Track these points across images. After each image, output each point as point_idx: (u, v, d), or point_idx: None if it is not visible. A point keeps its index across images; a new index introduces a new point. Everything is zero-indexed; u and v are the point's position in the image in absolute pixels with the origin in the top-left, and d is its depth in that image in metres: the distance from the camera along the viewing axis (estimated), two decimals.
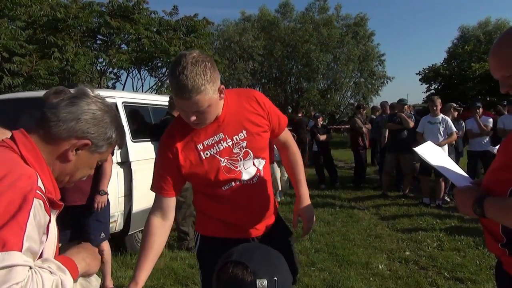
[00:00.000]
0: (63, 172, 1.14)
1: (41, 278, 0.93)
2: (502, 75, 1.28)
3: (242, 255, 1.00)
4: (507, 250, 1.30)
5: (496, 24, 24.63)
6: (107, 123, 1.15)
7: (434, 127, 6.28)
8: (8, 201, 0.90)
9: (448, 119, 6.32)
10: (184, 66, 1.39)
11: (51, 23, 9.11)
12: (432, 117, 6.40)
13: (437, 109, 6.35)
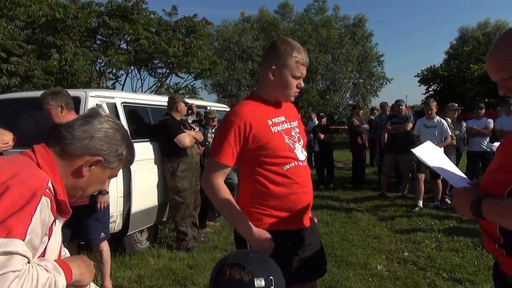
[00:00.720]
0: (76, 186, 1.21)
1: (37, 273, 0.97)
2: (500, 77, 1.28)
3: (238, 258, 1.03)
4: (505, 251, 1.31)
5: (495, 25, 24.68)
6: (118, 140, 1.24)
7: (430, 130, 6.19)
8: (19, 194, 0.96)
9: (444, 122, 6.22)
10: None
11: (50, 23, 9.09)
12: (427, 120, 6.31)
13: (432, 112, 6.26)
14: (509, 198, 1.22)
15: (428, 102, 6.50)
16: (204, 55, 11.61)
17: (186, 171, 4.57)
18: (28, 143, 3.31)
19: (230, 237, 5.14)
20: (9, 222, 0.92)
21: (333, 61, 25.40)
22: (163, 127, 4.56)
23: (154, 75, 12.75)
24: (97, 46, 11.28)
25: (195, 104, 5.92)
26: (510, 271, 1.33)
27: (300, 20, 25.34)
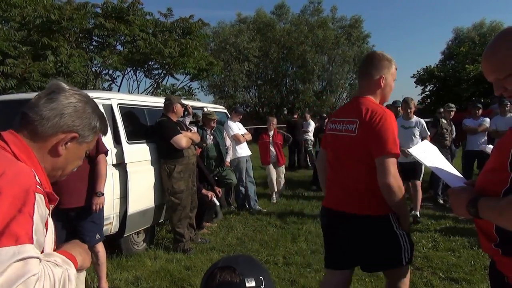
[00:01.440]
0: (55, 167, 1.17)
1: (51, 271, 0.97)
2: (496, 77, 1.29)
3: (227, 261, 1.05)
4: (500, 250, 1.32)
5: (490, 26, 24.81)
6: (90, 113, 1.18)
7: (409, 131, 5.72)
8: (13, 196, 0.92)
9: (422, 121, 5.83)
10: None
11: (45, 24, 9.06)
12: (405, 120, 5.83)
13: (411, 111, 5.79)
14: (505, 197, 1.23)
15: (407, 100, 5.93)
16: (200, 56, 11.61)
17: (183, 173, 4.56)
18: None
19: (227, 238, 5.13)
20: (13, 228, 0.89)
21: (329, 62, 25.47)
22: (160, 128, 4.55)
23: (150, 77, 12.74)
24: (93, 48, 11.25)
25: (191, 105, 5.91)
26: (506, 270, 1.34)
27: (296, 21, 25.40)
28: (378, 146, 2.06)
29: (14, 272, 0.87)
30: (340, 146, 2.27)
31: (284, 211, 6.51)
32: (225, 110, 7.61)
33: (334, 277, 2.36)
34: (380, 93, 2.28)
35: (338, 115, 2.41)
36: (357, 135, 2.15)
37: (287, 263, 4.13)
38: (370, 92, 2.27)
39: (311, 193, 7.92)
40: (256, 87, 26.81)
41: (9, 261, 0.86)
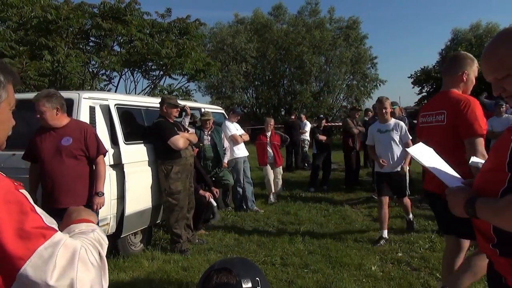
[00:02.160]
0: None
1: (85, 238, 1.00)
2: (495, 77, 1.30)
3: (223, 263, 1.06)
4: (498, 250, 1.32)
5: (486, 27, 24.93)
6: None
7: (386, 136, 4.99)
8: (6, 205, 0.87)
9: (402, 124, 5.10)
10: None
11: (42, 24, 9.03)
12: (381, 123, 5.10)
13: (386, 113, 5.03)
14: (502, 197, 1.23)
15: (381, 99, 5.10)
16: (197, 56, 11.60)
17: (180, 173, 4.55)
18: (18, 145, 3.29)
19: (224, 239, 5.13)
20: (32, 230, 0.87)
21: (326, 63, 25.50)
22: (157, 129, 4.54)
23: (147, 77, 12.71)
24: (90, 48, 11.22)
25: (189, 105, 5.91)
26: (503, 271, 1.34)
27: (294, 22, 25.42)
28: (467, 129, 2.46)
29: (64, 259, 0.87)
30: (432, 136, 2.65)
31: (282, 212, 6.52)
32: (222, 111, 7.60)
33: (447, 241, 2.99)
34: (462, 86, 2.68)
35: (426, 109, 2.88)
36: (446, 123, 2.58)
37: (284, 264, 4.13)
38: (453, 86, 2.68)
39: (308, 194, 7.93)
40: (254, 88, 26.82)
41: (54, 254, 0.86)
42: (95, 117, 4.00)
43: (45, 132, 3.29)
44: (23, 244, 0.84)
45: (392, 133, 4.97)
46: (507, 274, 1.32)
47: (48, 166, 3.20)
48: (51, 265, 0.84)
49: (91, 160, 3.39)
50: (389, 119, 5.07)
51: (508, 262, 1.30)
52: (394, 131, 4.98)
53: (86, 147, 3.32)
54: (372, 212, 6.34)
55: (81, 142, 3.30)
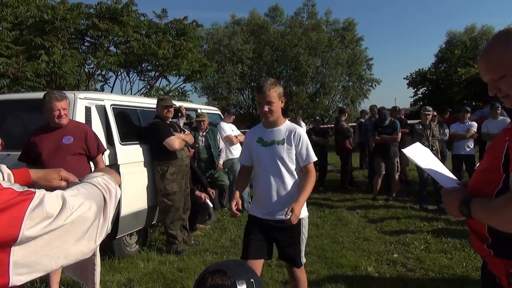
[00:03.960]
0: None
1: (88, 181, 1.10)
2: (491, 78, 1.31)
3: (218, 265, 1.06)
4: (492, 251, 1.33)
5: (481, 30, 25.07)
6: None
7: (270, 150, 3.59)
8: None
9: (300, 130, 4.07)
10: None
11: (38, 24, 8.99)
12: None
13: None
14: (497, 198, 1.24)
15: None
16: (194, 57, 11.59)
17: (176, 174, 4.54)
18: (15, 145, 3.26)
19: (220, 240, 5.12)
20: (12, 201, 0.87)
21: (322, 64, 25.54)
22: (153, 129, 4.53)
23: (143, 78, 12.68)
24: (86, 48, 11.18)
25: (185, 106, 5.90)
26: (498, 271, 1.35)
27: (290, 23, 25.45)
28: None
29: (58, 208, 0.92)
30: None
31: None
32: (218, 111, 7.60)
33: None
34: None
35: None
36: None
37: (280, 265, 4.13)
38: None
39: None
40: (250, 89, 26.79)
41: (44, 210, 0.89)
42: (91, 117, 3.99)
43: (44, 132, 3.33)
44: (9, 215, 0.84)
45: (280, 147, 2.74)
46: (501, 274, 1.33)
47: (49, 164, 3.22)
48: (45, 217, 0.88)
49: (91, 158, 3.47)
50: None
51: (503, 262, 1.31)
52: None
53: (87, 146, 3.42)
54: (368, 214, 6.35)
55: (82, 141, 3.39)
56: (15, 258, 0.83)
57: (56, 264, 0.90)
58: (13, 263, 0.83)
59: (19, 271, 0.84)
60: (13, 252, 0.83)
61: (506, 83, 1.28)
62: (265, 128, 2.75)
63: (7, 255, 0.83)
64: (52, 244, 0.88)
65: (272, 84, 2.58)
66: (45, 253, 0.87)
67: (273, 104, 2.58)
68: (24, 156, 3.36)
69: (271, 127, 2.71)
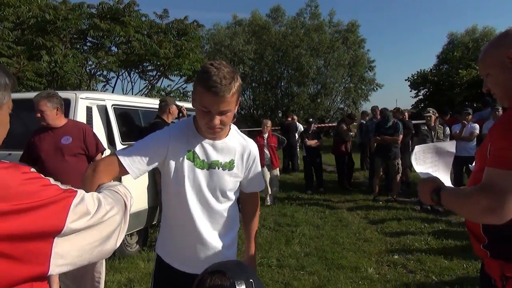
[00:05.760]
0: None
1: (109, 187, 1.25)
2: (483, 75, 1.41)
3: (217, 266, 1.07)
4: (489, 252, 1.33)
5: (483, 31, 25.03)
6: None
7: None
8: (28, 180, 0.91)
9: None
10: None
11: (39, 24, 9.01)
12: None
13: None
14: (464, 188, 1.32)
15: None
16: (195, 57, 11.61)
17: None
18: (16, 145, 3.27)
19: None
20: (59, 196, 0.93)
21: (324, 65, 25.54)
22: (154, 129, 4.52)
23: (144, 78, 12.70)
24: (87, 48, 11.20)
25: (186, 106, 5.90)
26: (493, 273, 1.35)
27: (292, 24, 25.45)
28: None
29: (92, 203, 1.00)
30: None
31: (278, 213, 6.52)
32: None
33: None
34: None
35: None
36: None
37: (280, 266, 4.13)
38: None
39: (305, 196, 7.93)
40: (251, 89, 26.81)
41: (83, 203, 0.96)
42: (92, 117, 3.99)
43: (43, 133, 3.32)
44: (56, 209, 0.91)
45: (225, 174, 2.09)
46: (496, 276, 1.33)
47: (49, 165, 3.23)
48: (84, 212, 0.95)
49: (90, 158, 3.46)
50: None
51: (498, 264, 1.31)
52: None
53: (85, 146, 3.41)
54: (369, 215, 6.35)
55: (80, 141, 3.38)
56: (57, 249, 0.88)
57: (85, 259, 0.96)
58: (54, 254, 0.88)
59: (57, 262, 0.89)
60: (56, 243, 0.89)
61: (490, 81, 1.38)
62: (202, 138, 1.68)
63: (50, 245, 0.88)
64: (85, 240, 0.95)
65: (229, 80, 1.49)
66: (79, 248, 0.94)
67: (228, 113, 1.54)
68: (26, 157, 3.36)
69: (213, 139, 1.68)
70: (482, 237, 1.34)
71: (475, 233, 1.37)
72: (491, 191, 1.16)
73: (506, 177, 1.15)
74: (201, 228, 1.68)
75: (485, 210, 1.17)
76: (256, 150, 1.81)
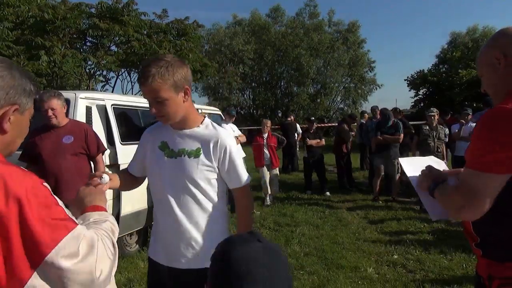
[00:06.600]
0: (4, 144, 1.09)
1: (101, 228, 1.09)
2: (479, 75, 1.43)
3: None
4: (481, 250, 1.34)
5: (483, 31, 25.05)
6: (19, 78, 1.07)
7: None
8: (33, 198, 0.93)
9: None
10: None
11: (39, 24, 9.01)
12: None
13: None
14: (449, 185, 1.34)
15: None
16: (195, 57, 11.61)
17: None
18: None
19: None
20: (56, 222, 0.95)
21: (324, 65, 25.55)
22: None
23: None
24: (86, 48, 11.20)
25: None
26: (482, 271, 1.37)
27: (292, 24, 25.46)
28: None
29: (86, 251, 0.97)
30: None
31: (278, 213, 6.52)
32: (219, 112, 7.60)
33: None
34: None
35: None
36: None
37: None
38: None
39: (304, 196, 7.93)
40: (251, 89, 26.83)
41: (76, 246, 0.95)
42: (92, 117, 3.99)
43: (44, 132, 3.32)
44: (50, 233, 0.92)
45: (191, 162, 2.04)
46: (485, 275, 1.35)
47: (50, 164, 3.23)
48: (74, 254, 0.94)
49: (91, 158, 3.48)
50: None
51: (487, 263, 1.33)
52: None
53: (87, 145, 3.43)
54: (368, 215, 6.35)
55: (82, 141, 3.40)
56: (33, 282, 0.90)
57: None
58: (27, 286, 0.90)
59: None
60: (33, 276, 0.90)
61: (483, 82, 1.40)
62: (173, 129, 1.79)
63: (28, 276, 0.90)
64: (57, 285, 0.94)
65: (159, 69, 1.57)
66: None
67: (165, 101, 1.61)
68: (24, 156, 3.36)
69: (182, 128, 1.76)
70: (474, 236, 1.35)
71: (468, 231, 1.39)
72: (463, 190, 1.23)
73: (474, 177, 1.20)
74: (175, 219, 1.72)
75: (459, 207, 1.24)
76: (229, 141, 1.77)
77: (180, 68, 1.62)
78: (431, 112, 6.85)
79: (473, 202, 1.20)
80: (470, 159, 1.25)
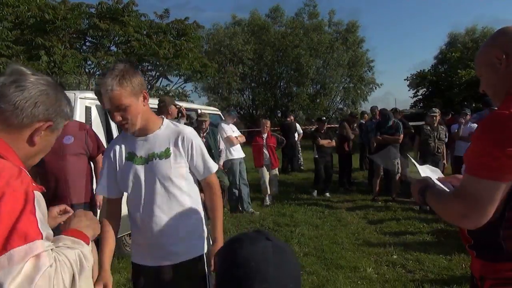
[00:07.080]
0: (28, 156, 1.13)
1: (65, 255, 1.00)
2: (479, 75, 1.41)
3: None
4: (475, 252, 1.35)
5: (482, 31, 25.06)
6: (60, 99, 1.15)
7: None
8: (14, 199, 0.93)
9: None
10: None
11: (39, 24, 9.02)
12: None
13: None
14: (445, 192, 1.32)
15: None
16: (195, 57, 11.62)
17: None
18: None
19: None
20: (20, 229, 0.91)
21: (323, 65, 25.56)
22: None
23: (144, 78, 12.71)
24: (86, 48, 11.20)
25: (185, 106, 5.90)
26: (475, 272, 1.38)
27: (291, 24, 25.47)
28: None
29: (30, 269, 0.89)
30: None
31: (277, 213, 6.52)
32: (219, 112, 7.60)
33: None
34: None
35: None
36: None
37: None
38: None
39: (304, 196, 7.93)
40: (250, 89, 26.83)
41: (23, 260, 0.89)
42: (91, 117, 3.99)
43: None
44: (3, 240, 0.88)
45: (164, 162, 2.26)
46: (476, 273, 1.36)
47: (50, 165, 3.25)
48: (15, 270, 0.87)
49: (91, 158, 3.49)
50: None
51: (479, 264, 1.34)
52: None
53: (87, 146, 3.43)
54: (368, 215, 6.35)
55: (82, 141, 3.40)
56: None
57: None
58: None
59: None
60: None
61: (483, 82, 1.39)
62: (135, 138, 1.84)
63: None
64: None
65: (115, 78, 1.62)
66: None
67: (128, 108, 1.67)
68: None
69: (144, 134, 1.83)
70: (468, 237, 1.36)
71: (462, 233, 1.39)
72: (464, 198, 1.19)
73: (477, 185, 1.16)
74: (156, 218, 1.83)
75: (460, 215, 1.20)
76: (192, 134, 1.88)
77: (134, 74, 1.69)
78: (433, 112, 6.85)
79: (477, 211, 1.16)
80: (471, 165, 1.21)
